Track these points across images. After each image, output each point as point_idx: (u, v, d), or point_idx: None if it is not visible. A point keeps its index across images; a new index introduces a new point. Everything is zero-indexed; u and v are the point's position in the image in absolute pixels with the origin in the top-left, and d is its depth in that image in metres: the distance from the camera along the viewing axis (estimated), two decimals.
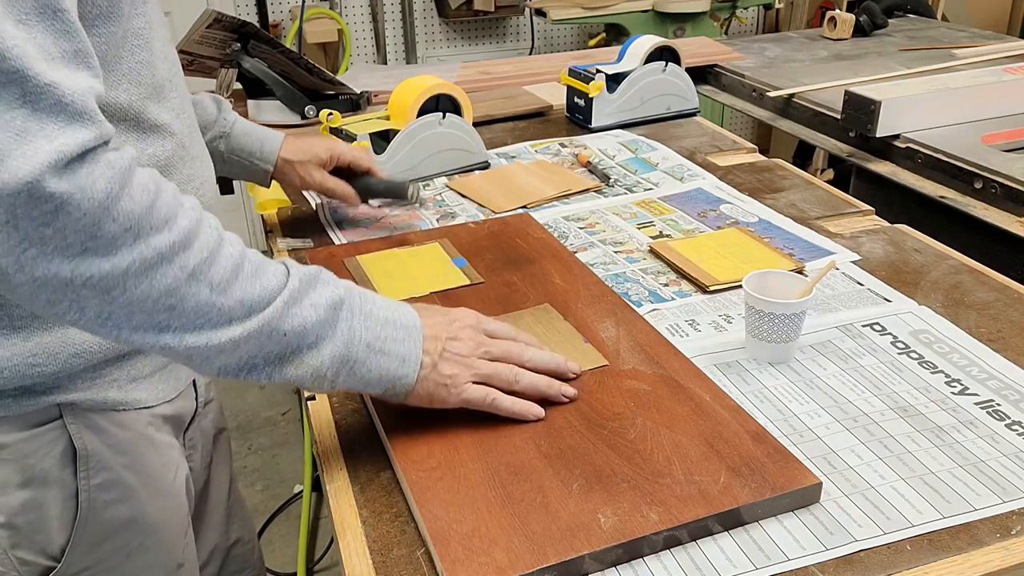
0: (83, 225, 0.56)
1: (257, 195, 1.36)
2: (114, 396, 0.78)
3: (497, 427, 0.78)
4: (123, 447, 0.79)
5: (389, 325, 0.72)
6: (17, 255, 0.55)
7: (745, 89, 2.01)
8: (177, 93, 0.81)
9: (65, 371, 0.73)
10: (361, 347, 0.70)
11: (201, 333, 0.62)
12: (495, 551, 0.64)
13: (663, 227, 1.23)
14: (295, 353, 0.67)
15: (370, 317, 0.71)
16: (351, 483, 0.76)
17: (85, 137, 0.56)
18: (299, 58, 1.65)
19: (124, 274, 0.58)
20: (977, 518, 0.70)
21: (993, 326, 0.97)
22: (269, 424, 2.57)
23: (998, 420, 0.81)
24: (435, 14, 3.38)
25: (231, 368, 0.66)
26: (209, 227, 0.64)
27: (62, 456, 0.76)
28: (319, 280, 0.70)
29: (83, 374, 0.75)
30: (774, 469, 0.72)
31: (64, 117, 0.55)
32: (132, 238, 0.58)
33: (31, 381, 0.73)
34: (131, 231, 0.58)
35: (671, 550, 0.67)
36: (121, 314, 0.60)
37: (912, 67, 1.97)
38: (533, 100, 1.79)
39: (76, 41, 0.58)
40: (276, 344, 0.66)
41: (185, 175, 0.80)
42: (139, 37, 0.73)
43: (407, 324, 0.73)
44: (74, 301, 0.58)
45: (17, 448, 0.75)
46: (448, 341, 0.75)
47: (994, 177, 1.39)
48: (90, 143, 0.56)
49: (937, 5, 3.15)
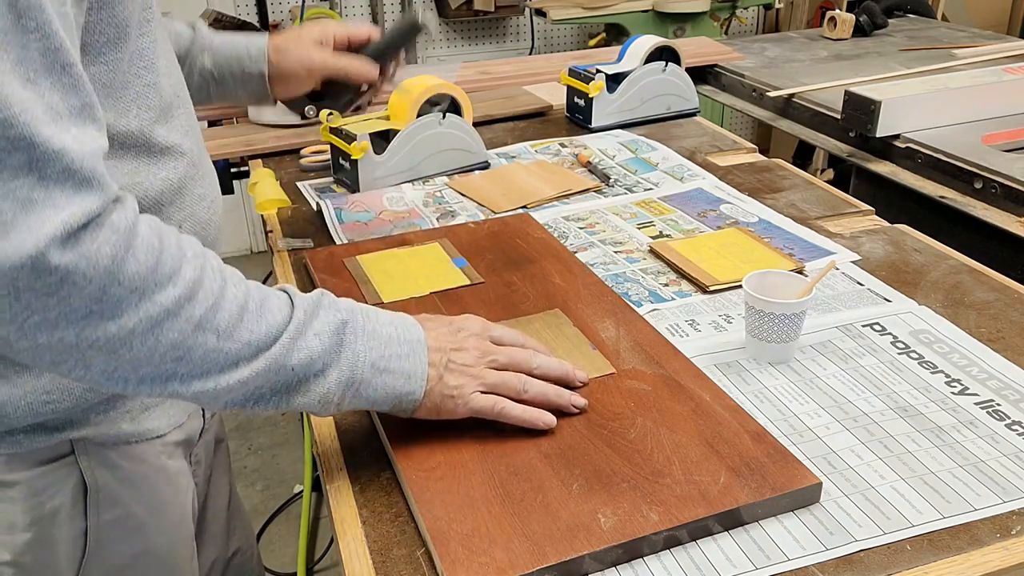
0: (88, 293, 0.55)
1: (257, 195, 1.36)
2: (127, 428, 0.76)
3: (497, 427, 0.78)
4: (134, 481, 0.77)
5: (393, 342, 0.71)
6: (20, 323, 0.54)
7: (745, 89, 2.01)
8: (184, 109, 0.79)
9: (79, 406, 0.72)
10: (366, 368, 0.69)
11: (209, 378, 0.62)
12: (495, 551, 0.64)
13: (663, 227, 1.23)
14: (302, 383, 0.67)
15: (373, 336, 0.70)
16: (351, 483, 0.76)
17: (92, 204, 0.55)
18: None
19: (131, 334, 0.57)
20: (977, 518, 0.70)
21: (993, 326, 0.97)
22: (269, 424, 2.57)
23: (998, 420, 0.81)
24: (435, 14, 3.38)
25: (238, 402, 0.65)
26: (212, 271, 0.63)
27: (73, 493, 0.75)
28: (321, 307, 0.69)
29: (96, 407, 0.74)
30: (774, 469, 0.72)
31: (72, 184, 0.54)
32: (138, 298, 0.57)
33: (44, 418, 0.71)
34: (137, 292, 0.57)
35: (671, 550, 0.67)
36: (128, 368, 0.59)
37: (912, 67, 1.97)
38: (533, 100, 1.79)
39: (83, 95, 0.56)
40: (283, 377, 0.66)
41: (197, 194, 0.79)
42: (145, 59, 0.71)
43: (411, 339, 0.72)
44: (79, 360, 0.58)
45: (27, 486, 0.73)
46: (453, 352, 0.74)
47: (994, 177, 1.39)
48: (97, 210, 0.55)
49: (937, 5, 3.15)
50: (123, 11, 0.66)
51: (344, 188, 1.38)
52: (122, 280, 0.56)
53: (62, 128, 0.54)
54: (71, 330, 0.56)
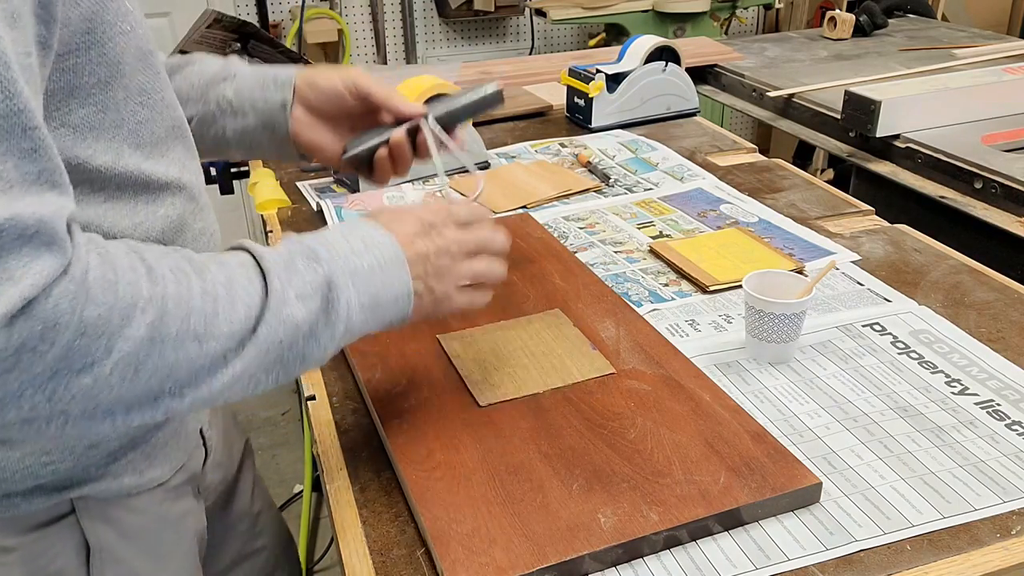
0: (52, 354, 0.51)
1: (257, 195, 1.36)
2: (129, 482, 0.72)
3: (497, 427, 0.78)
4: (137, 533, 0.74)
5: (375, 271, 0.67)
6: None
7: (745, 89, 2.01)
8: (182, 141, 0.74)
9: (80, 464, 0.68)
10: (357, 314, 0.66)
11: (201, 385, 0.59)
12: (495, 551, 0.64)
13: (663, 227, 1.23)
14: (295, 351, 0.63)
15: (356, 275, 0.66)
16: (351, 483, 0.76)
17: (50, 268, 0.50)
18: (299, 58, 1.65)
19: (108, 377, 0.53)
20: (977, 518, 0.70)
21: (993, 326, 0.97)
22: (269, 424, 2.57)
23: (998, 420, 0.81)
24: (435, 14, 3.38)
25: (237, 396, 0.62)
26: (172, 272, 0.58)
27: (75, 554, 0.71)
28: (295, 267, 0.64)
29: (98, 463, 0.70)
30: (774, 469, 0.72)
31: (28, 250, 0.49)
32: (106, 341, 0.53)
33: (43, 480, 0.67)
34: (104, 335, 0.53)
35: (671, 550, 0.67)
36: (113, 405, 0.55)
37: (912, 67, 1.97)
38: (533, 100, 1.79)
39: (43, 160, 0.52)
40: (274, 354, 0.62)
41: (197, 229, 0.74)
42: (143, 95, 0.67)
43: (389, 258, 0.68)
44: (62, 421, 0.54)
45: (26, 550, 0.69)
46: (434, 257, 0.71)
47: (994, 177, 1.39)
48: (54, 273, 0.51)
49: (937, 5, 3.15)
50: (115, 49, 0.62)
51: (344, 188, 1.38)
52: (85, 330, 0.52)
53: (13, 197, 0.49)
54: (42, 396, 0.52)
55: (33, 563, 0.69)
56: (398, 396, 0.83)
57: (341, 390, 0.89)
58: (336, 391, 0.89)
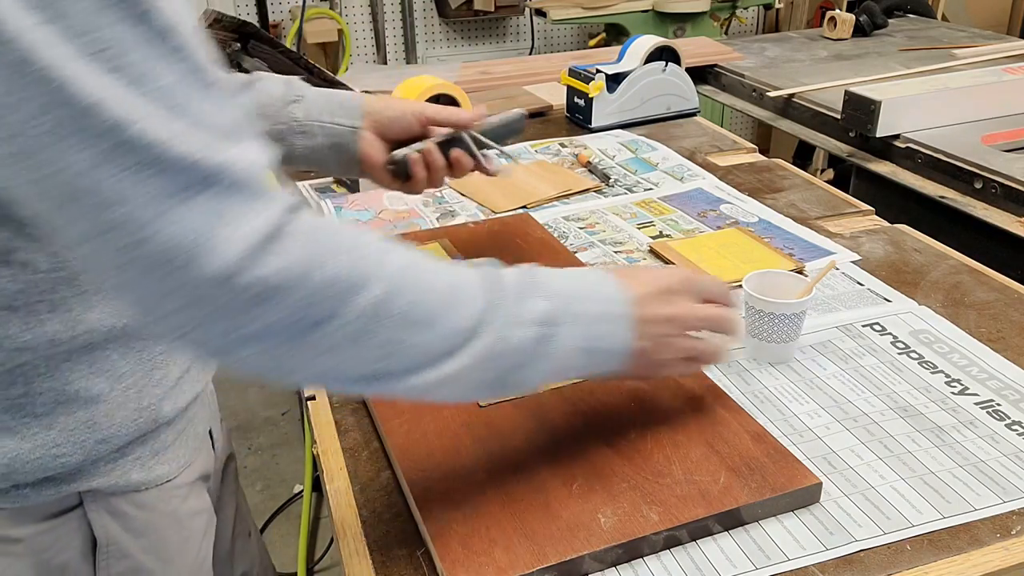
0: (294, 300, 0.53)
1: None
2: (137, 477, 0.73)
3: (497, 427, 0.78)
4: (144, 530, 0.74)
5: (600, 321, 0.67)
6: (224, 342, 0.53)
7: (745, 89, 2.01)
8: None
9: (90, 459, 0.69)
10: (571, 355, 0.66)
11: (418, 374, 0.59)
12: (495, 551, 0.64)
13: (663, 227, 1.23)
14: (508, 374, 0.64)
15: (580, 320, 0.66)
16: (351, 483, 0.76)
17: (273, 215, 0.52)
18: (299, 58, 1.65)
19: (340, 336, 0.55)
20: (977, 518, 0.70)
21: (993, 326, 0.97)
22: (269, 424, 2.57)
23: (998, 420, 0.81)
24: (435, 14, 3.38)
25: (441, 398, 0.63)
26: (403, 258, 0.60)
27: (82, 548, 0.71)
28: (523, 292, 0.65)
29: (106, 457, 0.70)
30: (774, 469, 0.72)
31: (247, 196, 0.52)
32: (339, 302, 0.55)
33: (53, 472, 0.68)
34: (340, 296, 0.55)
35: (671, 550, 0.67)
36: (337, 372, 0.57)
37: (912, 67, 1.97)
38: (533, 100, 1.79)
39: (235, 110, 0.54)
40: (491, 370, 0.62)
41: None
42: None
43: (617, 314, 0.69)
44: (294, 368, 0.56)
45: (33, 542, 0.69)
46: (665, 324, 0.71)
47: (994, 177, 1.39)
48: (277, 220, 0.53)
49: (937, 5, 3.15)
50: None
51: (344, 188, 1.38)
52: (326, 283, 0.54)
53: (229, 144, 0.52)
54: (282, 337, 0.54)
55: (40, 555, 0.70)
56: None
57: None
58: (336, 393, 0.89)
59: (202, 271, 0.50)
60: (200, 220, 0.49)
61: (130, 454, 0.71)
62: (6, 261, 0.60)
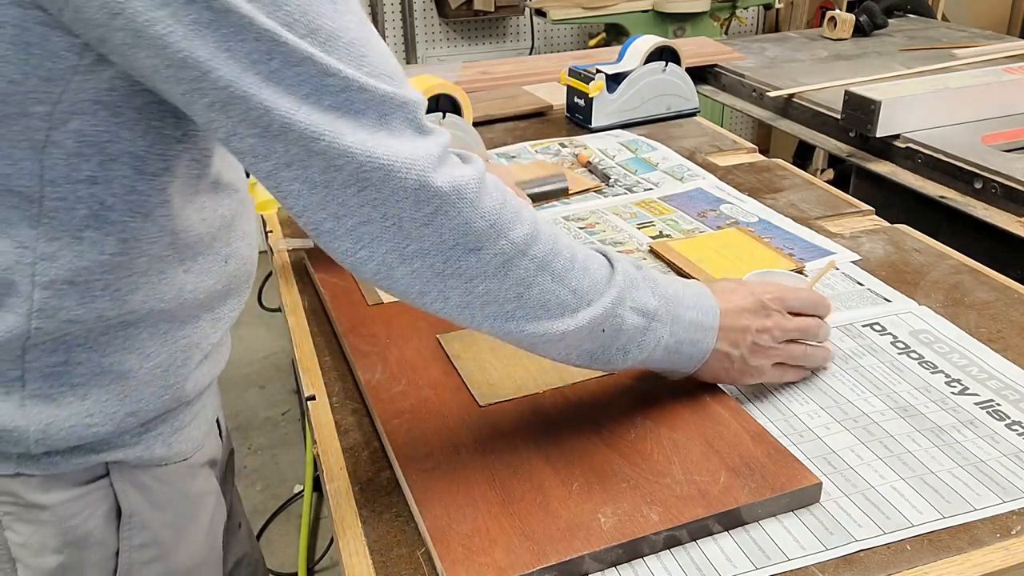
0: (456, 224, 0.61)
1: (257, 195, 1.36)
2: (160, 452, 0.75)
3: (497, 427, 0.78)
4: (163, 504, 0.77)
5: (692, 328, 0.76)
6: (400, 251, 0.61)
7: (745, 89, 2.01)
8: None
9: (119, 430, 0.72)
10: (660, 351, 0.74)
11: (540, 322, 0.67)
12: (495, 551, 0.64)
13: (663, 227, 1.23)
14: (606, 351, 0.72)
15: (677, 322, 0.75)
16: (351, 483, 0.76)
17: (440, 143, 0.61)
18: None
19: (487, 266, 0.63)
20: (977, 518, 0.70)
21: (993, 326, 0.97)
22: (269, 424, 2.57)
23: (998, 420, 0.81)
24: (435, 14, 3.38)
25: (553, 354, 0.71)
26: (543, 220, 0.68)
27: (106, 517, 0.73)
28: (638, 281, 0.73)
29: (134, 430, 0.73)
30: (774, 469, 0.72)
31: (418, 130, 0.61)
32: (496, 233, 0.63)
33: (85, 440, 0.70)
34: (494, 226, 0.63)
35: (671, 550, 0.67)
36: (478, 303, 0.65)
37: (912, 67, 1.97)
38: (533, 100, 1.79)
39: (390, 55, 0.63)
40: (596, 341, 0.70)
41: (242, 231, 0.79)
42: None
43: (708, 324, 0.77)
44: (441, 291, 0.64)
45: (60, 509, 0.71)
46: (757, 334, 0.79)
47: (994, 177, 1.39)
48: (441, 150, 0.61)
49: (937, 5, 3.15)
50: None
51: None
52: (483, 213, 0.62)
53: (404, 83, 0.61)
54: (440, 258, 0.62)
55: (67, 522, 0.72)
56: (398, 396, 0.83)
57: (341, 390, 0.89)
58: (336, 391, 0.89)
59: (396, 185, 0.59)
60: (395, 143, 0.59)
61: (154, 430, 0.75)
62: (79, 238, 0.64)
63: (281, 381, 2.76)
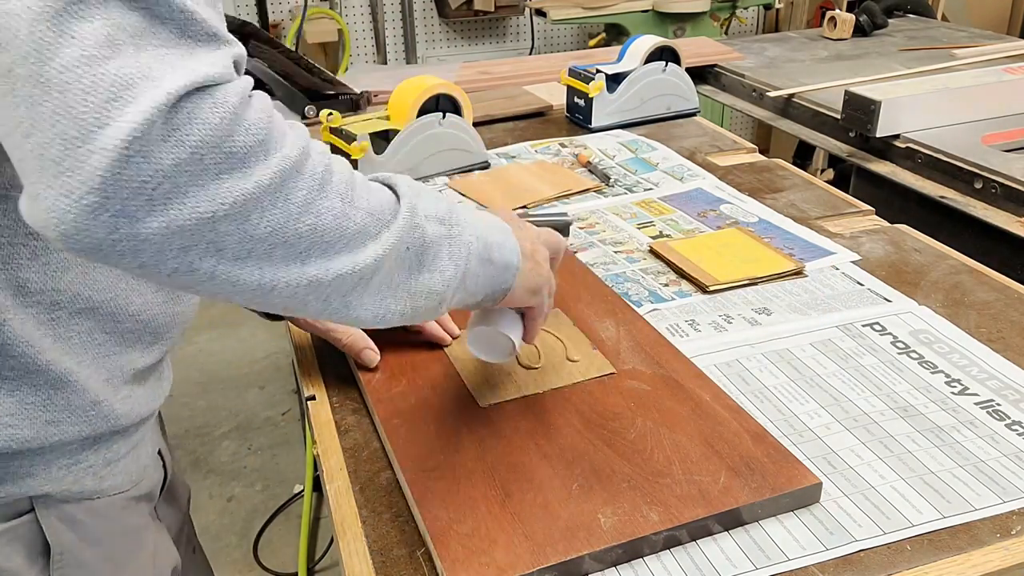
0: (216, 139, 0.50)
1: None
2: (91, 485, 0.72)
3: (497, 427, 0.78)
4: (99, 539, 0.74)
5: (494, 231, 0.70)
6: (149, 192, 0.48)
7: (745, 89, 2.01)
8: None
9: (38, 439, 0.68)
10: (475, 261, 0.67)
11: (344, 255, 0.57)
12: (495, 551, 0.64)
13: (663, 227, 1.23)
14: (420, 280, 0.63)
15: (476, 224, 0.68)
16: (351, 483, 0.76)
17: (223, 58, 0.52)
18: (299, 58, 1.65)
19: (262, 192, 0.52)
20: (977, 518, 0.70)
21: (993, 326, 0.97)
22: (269, 424, 2.57)
23: (998, 420, 0.81)
24: (435, 14, 3.38)
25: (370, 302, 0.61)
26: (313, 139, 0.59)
27: (32, 554, 0.69)
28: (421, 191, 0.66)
29: (59, 461, 0.69)
30: (774, 469, 0.72)
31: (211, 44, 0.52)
32: (264, 152, 0.52)
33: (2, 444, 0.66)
34: (262, 144, 0.52)
35: (671, 550, 0.67)
36: (262, 247, 0.53)
37: (912, 67, 1.97)
38: (533, 100, 1.79)
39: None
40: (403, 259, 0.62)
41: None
42: None
43: (505, 229, 0.72)
44: (211, 241, 0.51)
45: None
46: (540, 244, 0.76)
47: (994, 177, 1.39)
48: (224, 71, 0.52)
49: (937, 5, 3.15)
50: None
51: None
52: (248, 128, 0.52)
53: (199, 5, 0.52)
54: (203, 195, 0.50)
55: None
56: (398, 396, 0.83)
57: (341, 390, 0.89)
58: (336, 391, 0.89)
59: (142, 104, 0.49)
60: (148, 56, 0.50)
61: (83, 461, 0.71)
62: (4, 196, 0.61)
63: (281, 381, 2.76)
